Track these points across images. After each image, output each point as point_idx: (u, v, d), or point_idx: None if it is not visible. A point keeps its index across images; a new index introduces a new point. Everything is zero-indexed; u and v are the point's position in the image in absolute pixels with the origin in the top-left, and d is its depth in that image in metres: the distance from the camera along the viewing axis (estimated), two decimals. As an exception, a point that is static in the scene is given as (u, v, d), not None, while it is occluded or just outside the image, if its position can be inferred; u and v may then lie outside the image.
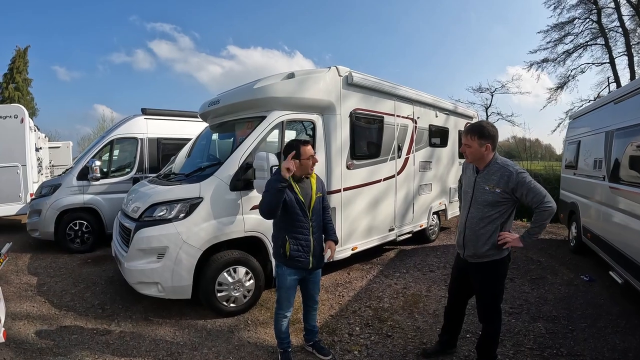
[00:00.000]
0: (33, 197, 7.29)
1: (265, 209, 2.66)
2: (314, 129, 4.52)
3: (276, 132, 4.20)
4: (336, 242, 2.98)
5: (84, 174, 6.53)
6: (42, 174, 10.08)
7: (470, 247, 2.66)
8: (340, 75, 4.66)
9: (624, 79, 18.18)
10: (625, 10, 18.11)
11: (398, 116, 5.79)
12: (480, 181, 2.61)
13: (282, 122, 4.21)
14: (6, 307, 3.24)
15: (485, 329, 2.76)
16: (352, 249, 4.99)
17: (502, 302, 2.75)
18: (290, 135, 4.37)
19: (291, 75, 4.35)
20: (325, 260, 2.96)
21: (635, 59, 17.90)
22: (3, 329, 2.67)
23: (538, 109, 70.94)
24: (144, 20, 75.58)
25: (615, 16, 18.44)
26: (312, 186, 2.84)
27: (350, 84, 4.76)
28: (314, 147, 3.32)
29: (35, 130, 9.56)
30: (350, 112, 4.85)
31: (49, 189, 6.60)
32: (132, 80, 71.70)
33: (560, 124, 20.32)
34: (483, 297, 2.73)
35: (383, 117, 5.47)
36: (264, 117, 4.17)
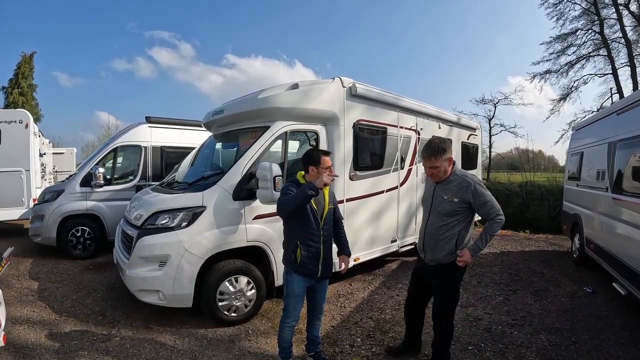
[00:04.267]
0: (36, 202, 7.33)
1: (286, 210, 2.74)
2: (317, 140, 4.54)
3: (279, 142, 4.22)
4: (349, 256, 3.10)
5: (87, 181, 6.58)
6: (45, 180, 10.13)
7: (429, 252, 2.82)
8: (344, 87, 4.68)
9: (627, 89, 18.28)
10: (628, 21, 18.30)
11: (401, 127, 5.80)
12: (439, 190, 2.76)
13: (286, 132, 4.24)
14: (7, 311, 3.25)
15: (437, 327, 2.89)
16: (355, 260, 4.95)
17: (456, 306, 2.90)
18: (293, 145, 4.39)
19: (295, 86, 4.40)
20: (341, 272, 3.15)
21: (638, 69, 17.97)
22: (3, 333, 2.69)
23: (541, 120, 70.58)
24: (142, 28, 76.63)
25: (617, 27, 18.62)
26: (325, 197, 2.91)
27: (353, 95, 4.79)
28: None
29: (39, 136, 9.63)
30: (354, 123, 4.86)
31: (52, 194, 6.64)
32: (135, 89, 72.46)
33: (563, 135, 20.42)
34: (440, 298, 2.87)
35: (386, 128, 5.48)
36: (267, 127, 4.20)
